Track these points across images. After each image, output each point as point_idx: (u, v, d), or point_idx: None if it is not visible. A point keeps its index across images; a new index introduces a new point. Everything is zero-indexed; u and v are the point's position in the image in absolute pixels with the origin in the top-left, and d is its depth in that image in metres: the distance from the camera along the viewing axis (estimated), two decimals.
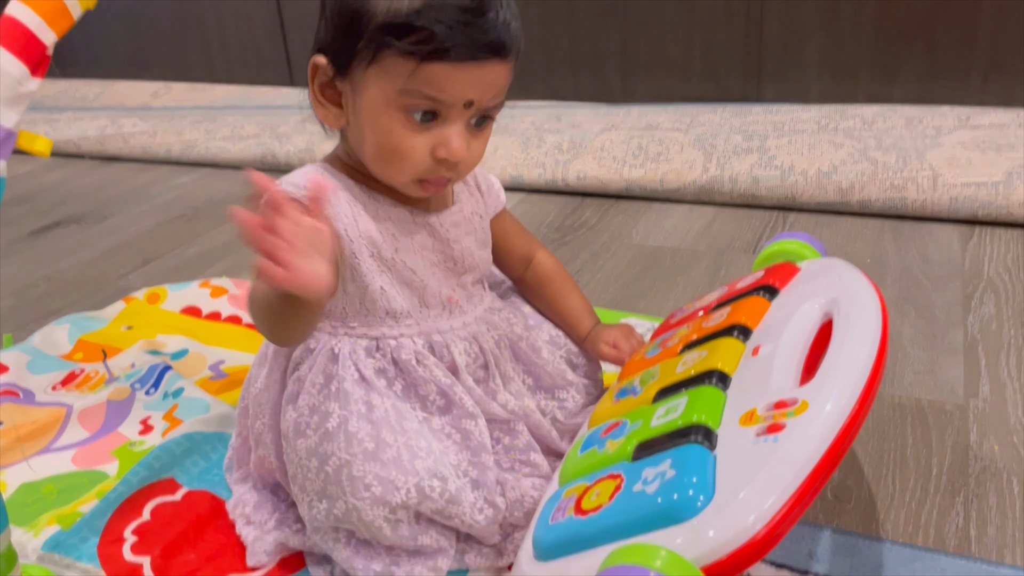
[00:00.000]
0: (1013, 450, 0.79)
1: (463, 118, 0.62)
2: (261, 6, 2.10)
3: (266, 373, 0.71)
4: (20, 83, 0.55)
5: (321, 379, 0.66)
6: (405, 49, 0.58)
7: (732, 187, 1.38)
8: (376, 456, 0.63)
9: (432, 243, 0.70)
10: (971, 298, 1.05)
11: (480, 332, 0.72)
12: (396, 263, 0.67)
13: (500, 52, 0.60)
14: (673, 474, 0.53)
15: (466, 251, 0.72)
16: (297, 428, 0.65)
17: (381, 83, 0.60)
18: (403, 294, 0.68)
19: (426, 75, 0.59)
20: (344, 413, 0.64)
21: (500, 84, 0.63)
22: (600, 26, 1.78)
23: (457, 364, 0.70)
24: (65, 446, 0.86)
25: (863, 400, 0.53)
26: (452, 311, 0.71)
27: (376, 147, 0.63)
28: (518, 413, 0.72)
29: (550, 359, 0.77)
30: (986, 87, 1.52)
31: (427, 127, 0.62)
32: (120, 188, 1.75)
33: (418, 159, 0.63)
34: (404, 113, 0.61)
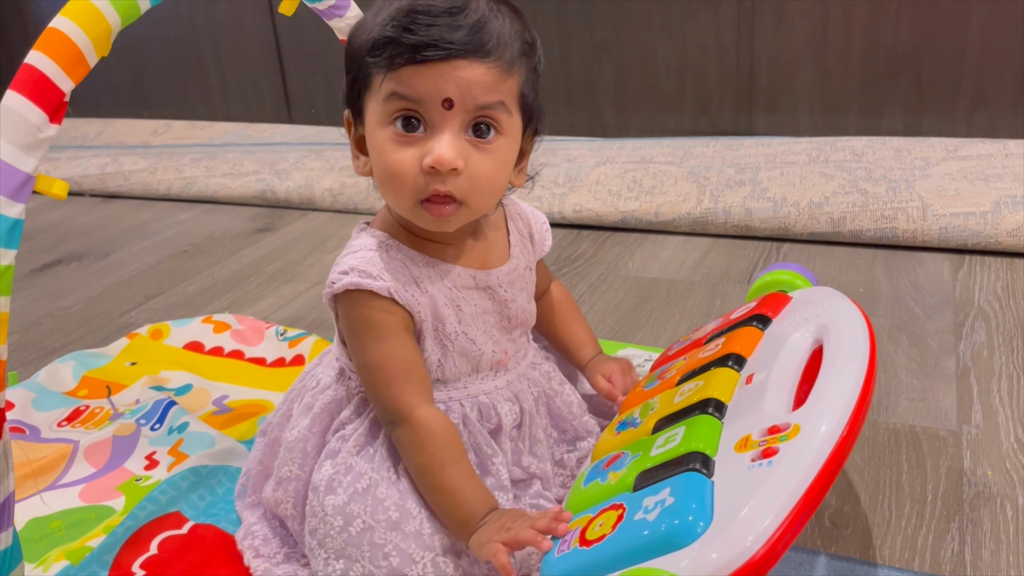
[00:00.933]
0: (1006, 475, 0.80)
1: (450, 125, 0.61)
2: (260, 44, 2.14)
3: (308, 424, 0.71)
4: (39, 129, 0.57)
5: (363, 440, 0.68)
6: (380, 63, 0.60)
7: (726, 219, 1.41)
8: (399, 526, 0.64)
9: (491, 306, 0.70)
10: (962, 326, 1.07)
11: (522, 390, 0.73)
12: (458, 336, 0.68)
13: (474, 52, 0.60)
14: (672, 501, 0.55)
15: (520, 308, 0.73)
16: (330, 484, 0.66)
17: (372, 106, 0.63)
18: (459, 364, 0.69)
19: (399, 76, 0.60)
20: (375, 476, 0.65)
21: (483, 83, 0.60)
22: (594, 62, 1.81)
23: (503, 425, 0.71)
24: (72, 482, 0.87)
25: (853, 422, 0.54)
26: (499, 372, 0.72)
27: (378, 174, 0.64)
28: (536, 475, 0.73)
29: (579, 413, 0.78)
30: (972, 119, 1.55)
31: (415, 139, 0.61)
32: (121, 225, 1.77)
33: (409, 173, 0.62)
34: (391, 127, 0.62)
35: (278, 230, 1.66)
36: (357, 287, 0.64)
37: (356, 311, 0.65)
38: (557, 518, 0.60)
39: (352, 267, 0.65)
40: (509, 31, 0.62)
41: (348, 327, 0.67)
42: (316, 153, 1.89)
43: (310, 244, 1.57)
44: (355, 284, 0.64)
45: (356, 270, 0.64)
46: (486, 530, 0.61)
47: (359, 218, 1.66)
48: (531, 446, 0.73)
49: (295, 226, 1.67)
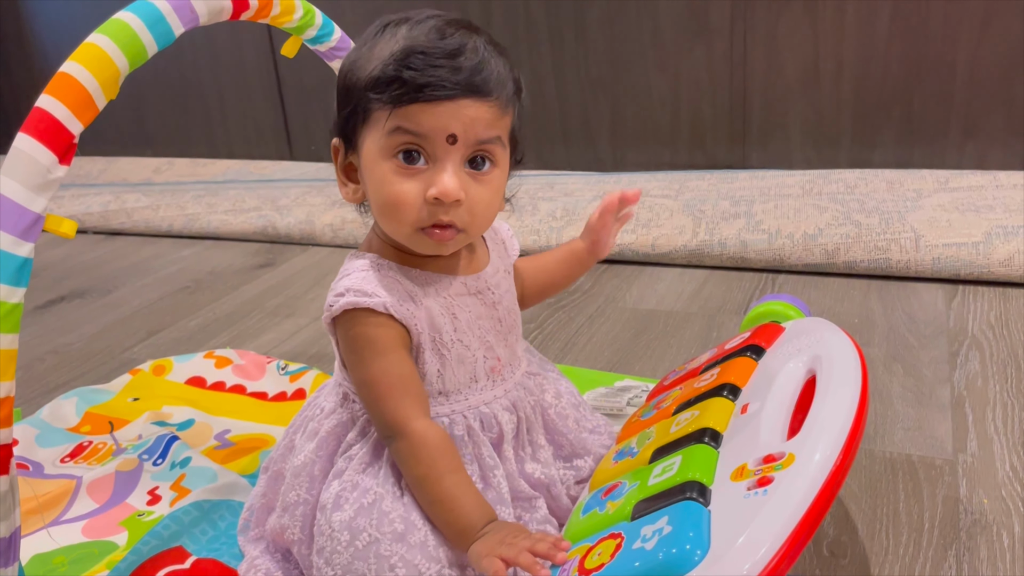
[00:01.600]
0: (1002, 503, 0.81)
1: (452, 158, 0.64)
2: (261, 83, 2.17)
3: (314, 447, 0.72)
4: (49, 171, 0.59)
5: (368, 458, 0.69)
6: (383, 99, 0.62)
7: (721, 251, 1.42)
8: (404, 538, 0.64)
9: (484, 310, 0.72)
10: (956, 355, 1.08)
11: (519, 398, 0.74)
12: (454, 344, 0.70)
13: (476, 91, 0.63)
14: (670, 530, 0.56)
15: (509, 309, 0.75)
16: (336, 501, 0.67)
17: (372, 136, 0.64)
18: (458, 373, 0.70)
19: (403, 113, 0.62)
20: (380, 491, 0.66)
21: (484, 120, 0.64)
22: (590, 98, 1.84)
23: (504, 433, 0.72)
24: (75, 518, 0.87)
25: (847, 451, 0.55)
26: (495, 380, 0.73)
27: (377, 202, 0.66)
28: (543, 483, 0.74)
29: (574, 428, 0.79)
30: (962, 151, 1.58)
31: (418, 171, 0.64)
32: (124, 262, 1.79)
33: (413, 204, 0.64)
34: (394, 159, 0.64)
35: (279, 265, 1.68)
36: (355, 306, 0.66)
37: (354, 329, 0.67)
38: (556, 545, 0.61)
39: (348, 288, 0.67)
40: (504, 72, 0.66)
41: (347, 346, 0.68)
42: (317, 189, 1.91)
43: (311, 279, 1.58)
44: (352, 304, 0.66)
45: (352, 290, 0.66)
46: (486, 542, 0.62)
47: None
48: (533, 452, 0.74)
49: (296, 261, 1.69)
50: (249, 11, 0.76)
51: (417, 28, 0.64)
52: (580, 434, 0.79)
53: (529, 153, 0.72)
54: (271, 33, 2.09)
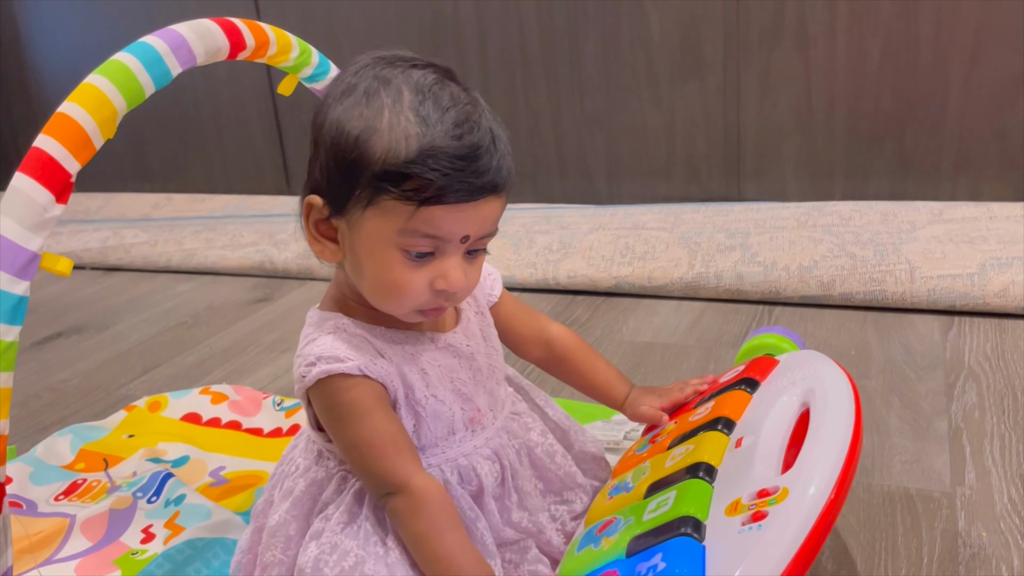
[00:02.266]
0: (1000, 536, 0.80)
1: (459, 252, 0.65)
2: (259, 117, 2.19)
3: (288, 507, 0.71)
4: (45, 209, 0.59)
5: (346, 517, 0.68)
6: (402, 195, 0.61)
7: (717, 283, 1.43)
8: None
9: (457, 363, 0.71)
10: (953, 387, 1.08)
11: (502, 445, 0.73)
12: (429, 400, 0.69)
13: (494, 191, 0.64)
14: (664, 566, 0.55)
15: (487, 355, 0.74)
16: (316, 565, 0.66)
17: (379, 224, 0.63)
18: (434, 428, 0.70)
19: (425, 217, 0.61)
20: (362, 553, 0.65)
21: (494, 217, 0.66)
22: (586, 132, 1.86)
23: (484, 485, 0.71)
24: (68, 557, 0.87)
25: (841, 484, 0.55)
26: (475, 431, 0.72)
27: (375, 282, 0.65)
28: (531, 531, 0.73)
29: (563, 463, 0.78)
30: (956, 183, 1.59)
31: (425, 262, 0.64)
32: (121, 298, 1.79)
33: (417, 292, 0.65)
34: (402, 252, 0.63)
35: (276, 300, 1.68)
36: (329, 373, 0.65)
37: (333, 397, 0.66)
38: None
39: (318, 356, 0.65)
40: (510, 160, 0.65)
41: (327, 413, 0.67)
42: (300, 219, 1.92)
43: None
44: (325, 372, 0.65)
45: (322, 358, 0.65)
46: None
47: None
48: (520, 499, 0.73)
49: (293, 296, 1.70)
50: (246, 51, 0.77)
51: (427, 107, 0.62)
52: (569, 468, 0.78)
53: (526, 186, 0.72)
54: (269, 70, 2.11)
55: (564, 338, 0.84)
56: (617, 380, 0.84)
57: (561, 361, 0.84)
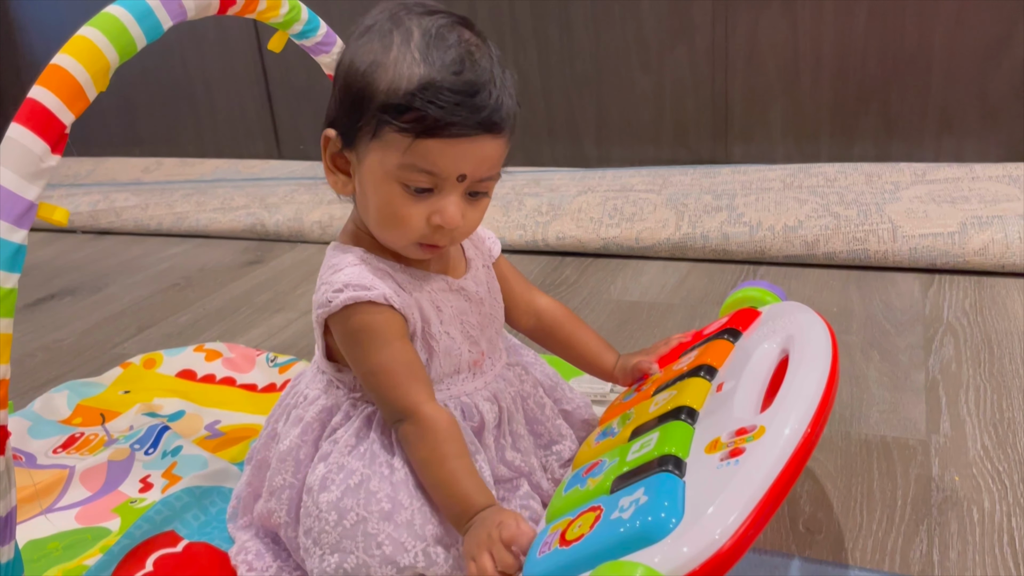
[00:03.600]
0: (972, 480, 0.83)
1: (457, 190, 0.67)
2: (249, 82, 2.19)
3: (299, 432, 0.73)
4: (41, 159, 0.60)
5: (354, 440, 0.71)
6: (401, 127, 0.63)
7: (704, 243, 1.45)
8: (391, 517, 0.66)
9: (468, 307, 0.75)
10: (932, 341, 1.11)
11: (500, 389, 0.76)
12: (441, 336, 0.72)
13: (492, 129, 0.65)
14: (646, 500, 0.58)
15: (492, 306, 0.78)
16: (323, 483, 0.69)
17: (381, 156, 0.65)
18: (444, 364, 0.73)
19: (422, 150, 0.64)
20: (367, 472, 0.68)
21: (494, 158, 0.67)
22: (575, 96, 1.87)
23: (485, 422, 0.74)
24: (68, 505, 0.89)
25: (816, 421, 0.57)
26: (476, 373, 0.76)
27: (377, 213, 0.68)
28: (523, 470, 0.76)
29: (551, 416, 0.81)
30: (939, 144, 1.61)
31: (424, 197, 0.66)
32: (113, 260, 1.80)
33: (416, 226, 0.67)
34: (402, 186, 0.66)
35: (268, 262, 1.69)
36: (356, 300, 0.67)
37: (356, 322, 0.68)
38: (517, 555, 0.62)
39: (345, 283, 0.68)
40: (513, 103, 0.67)
41: (349, 339, 0.69)
42: (305, 187, 1.93)
43: (300, 275, 1.60)
44: (353, 299, 0.67)
45: (350, 285, 0.68)
46: (471, 536, 0.63)
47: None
48: (514, 441, 0.76)
49: (284, 258, 1.71)
50: (236, 6, 0.78)
51: (432, 45, 0.64)
52: (556, 421, 0.81)
53: (515, 150, 0.74)
54: (258, 33, 2.11)
55: (552, 310, 0.86)
56: (605, 350, 0.87)
57: (550, 332, 0.86)
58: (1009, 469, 0.84)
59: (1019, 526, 0.76)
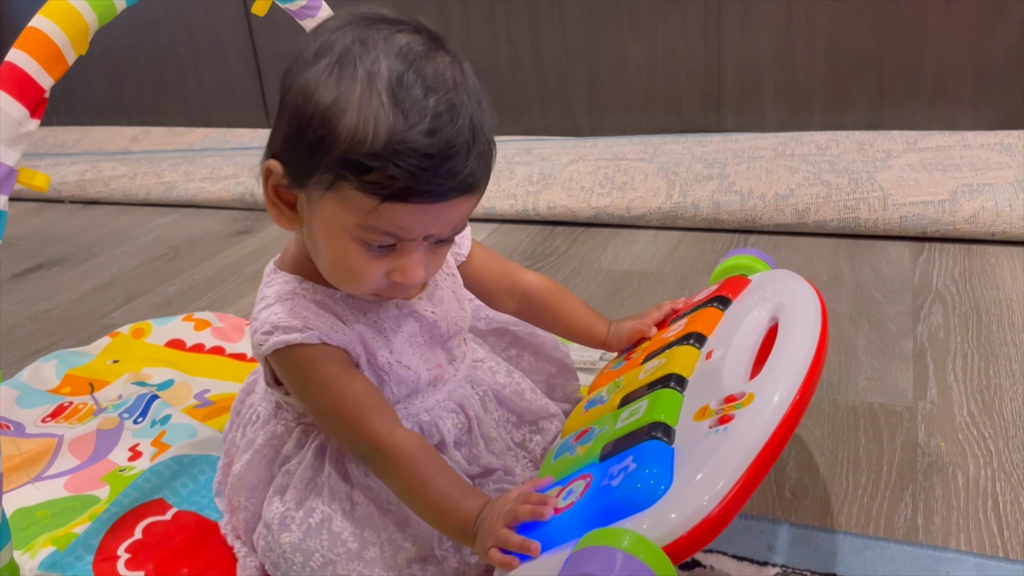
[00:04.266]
0: (958, 446, 0.84)
1: (422, 247, 0.61)
2: (237, 50, 2.16)
3: (250, 458, 0.71)
4: (20, 124, 0.59)
5: (309, 473, 0.68)
6: (365, 188, 0.56)
7: (695, 212, 1.44)
8: (360, 555, 0.65)
9: (419, 328, 0.70)
10: (920, 309, 1.11)
11: (465, 396, 0.73)
12: (392, 365, 0.67)
13: (467, 191, 0.59)
14: (635, 467, 0.58)
15: (450, 320, 0.72)
16: (283, 522, 0.66)
17: (338, 212, 0.58)
18: (397, 391, 0.68)
19: (387, 214, 0.57)
20: (328, 511, 0.65)
21: (464, 215, 0.61)
22: (567, 64, 1.85)
23: (446, 441, 0.70)
24: (57, 474, 0.89)
25: (805, 388, 0.58)
26: (437, 386, 0.71)
27: (330, 265, 0.63)
28: (499, 468, 0.73)
29: (533, 398, 0.78)
30: (932, 113, 1.60)
31: (384, 253, 0.61)
32: (101, 230, 1.79)
33: (373, 280, 0.62)
34: (361, 243, 0.59)
35: (257, 232, 1.68)
36: (286, 344, 0.62)
37: (294, 362, 0.63)
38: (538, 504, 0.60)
39: (275, 325, 0.63)
40: (490, 151, 0.60)
41: (290, 379, 0.65)
42: None
43: None
44: (283, 343, 0.62)
45: (279, 327, 0.63)
46: (483, 535, 0.60)
47: None
48: (487, 445, 0.73)
49: (273, 228, 1.70)
50: None
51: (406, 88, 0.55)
52: (540, 401, 0.79)
53: (506, 118, 0.71)
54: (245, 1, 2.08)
55: (540, 286, 0.83)
56: (596, 320, 0.85)
57: (539, 309, 0.83)
58: (994, 435, 0.85)
59: (1003, 491, 0.77)
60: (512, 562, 0.58)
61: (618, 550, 0.52)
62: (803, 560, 0.71)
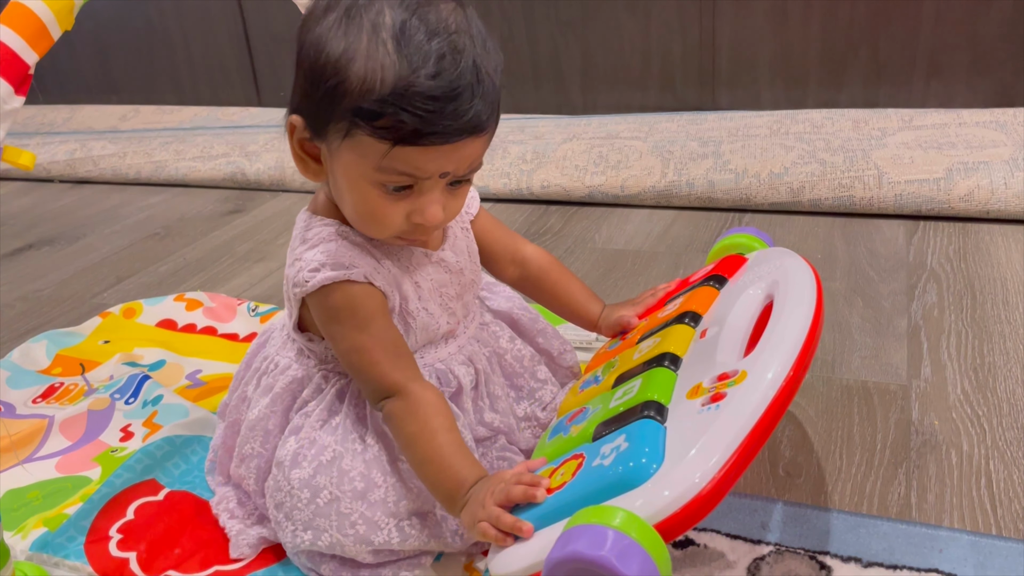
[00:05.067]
0: (952, 424, 0.84)
1: (439, 186, 0.63)
2: (227, 27, 2.14)
3: (268, 403, 0.72)
4: (4, 101, 0.58)
5: (325, 414, 0.69)
6: (377, 133, 0.58)
7: (689, 191, 1.43)
8: (364, 496, 0.66)
9: (447, 278, 0.73)
10: (915, 287, 1.11)
11: (474, 351, 0.75)
12: (419, 312, 0.70)
13: (475, 132, 0.60)
14: (627, 446, 0.58)
15: (472, 271, 0.75)
16: (295, 458, 0.67)
17: (355, 159, 0.61)
18: (419, 338, 0.71)
19: (400, 156, 0.59)
20: (339, 449, 0.67)
21: (478, 153, 0.63)
22: (560, 41, 1.83)
23: (463, 385, 0.73)
24: (48, 455, 0.88)
25: (797, 367, 0.57)
26: (449, 340, 0.74)
27: (354, 209, 0.65)
28: (502, 429, 0.75)
29: (531, 365, 0.80)
30: (927, 90, 1.59)
31: (403, 195, 0.63)
32: (91, 210, 1.77)
33: (395, 223, 0.64)
34: (380, 186, 0.62)
35: (249, 211, 1.67)
36: (334, 280, 0.64)
37: (335, 301, 0.65)
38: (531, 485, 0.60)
39: (322, 262, 0.65)
40: (495, 92, 0.61)
41: (327, 318, 0.66)
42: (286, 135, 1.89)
43: (281, 224, 1.58)
44: (331, 278, 0.64)
45: (328, 264, 0.65)
46: (469, 509, 0.61)
47: None
48: (491, 403, 0.75)
49: (266, 207, 1.68)
50: None
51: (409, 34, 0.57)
52: (536, 368, 0.80)
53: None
54: None
55: (539, 259, 0.84)
56: (591, 300, 0.85)
57: (536, 282, 0.84)
58: (988, 413, 0.85)
59: (996, 469, 0.77)
60: (505, 539, 0.58)
61: (609, 528, 0.52)
62: (797, 538, 0.71)
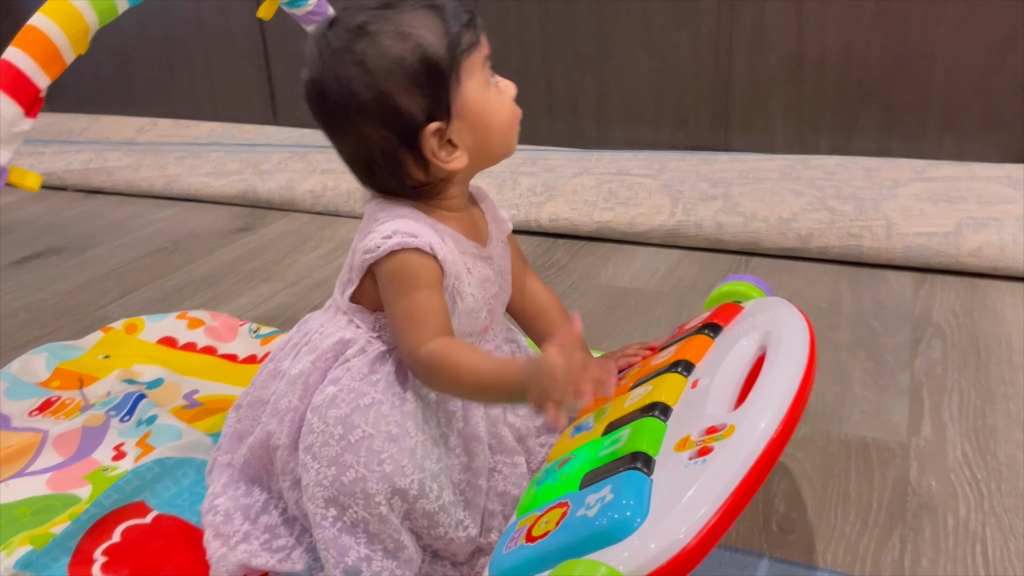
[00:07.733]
0: (950, 487, 0.83)
1: None
2: (247, 45, 2.16)
3: (313, 359, 0.74)
4: (14, 123, 0.59)
5: (367, 369, 0.72)
6: (467, 43, 0.70)
7: (698, 231, 1.43)
8: (396, 440, 0.68)
9: (491, 275, 0.77)
10: (919, 343, 1.10)
11: (505, 355, 0.79)
12: (468, 296, 0.74)
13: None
14: (612, 498, 0.57)
15: (506, 279, 0.80)
16: (333, 400, 0.70)
17: (473, 79, 0.70)
18: (462, 323, 0.74)
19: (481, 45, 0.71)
20: (379, 397, 0.70)
21: None
22: (577, 76, 1.84)
23: None
24: (39, 470, 0.88)
25: (786, 423, 0.57)
26: (482, 340, 0.78)
27: (499, 122, 0.73)
28: (522, 433, 0.78)
29: None
30: (941, 142, 1.59)
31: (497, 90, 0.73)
32: (102, 221, 1.78)
33: (516, 112, 0.74)
34: (491, 84, 0.72)
35: (258, 230, 1.68)
36: (403, 246, 0.69)
37: (399, 264, 0.70)
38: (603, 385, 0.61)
39: (395, 230, 0.70)
40: None
41: (391, 281, 0.71)
42: (299, 155, 1.91)
43: (289, 245, 1.58)
44: (400, 244, 0.69)
45: (400, 232, 0.70)
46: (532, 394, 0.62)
47: (339, 220, 1.69)
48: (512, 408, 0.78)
49: (275, 227, 1.69)
50: None
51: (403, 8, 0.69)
52: None
53: None
54: None
55: (541, 296, 0.87)
56: None
57: (532, 318, 0.87)
58: (987, 477, 0.84)
59: (993, 536, 0.76)
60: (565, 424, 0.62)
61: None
62: None
